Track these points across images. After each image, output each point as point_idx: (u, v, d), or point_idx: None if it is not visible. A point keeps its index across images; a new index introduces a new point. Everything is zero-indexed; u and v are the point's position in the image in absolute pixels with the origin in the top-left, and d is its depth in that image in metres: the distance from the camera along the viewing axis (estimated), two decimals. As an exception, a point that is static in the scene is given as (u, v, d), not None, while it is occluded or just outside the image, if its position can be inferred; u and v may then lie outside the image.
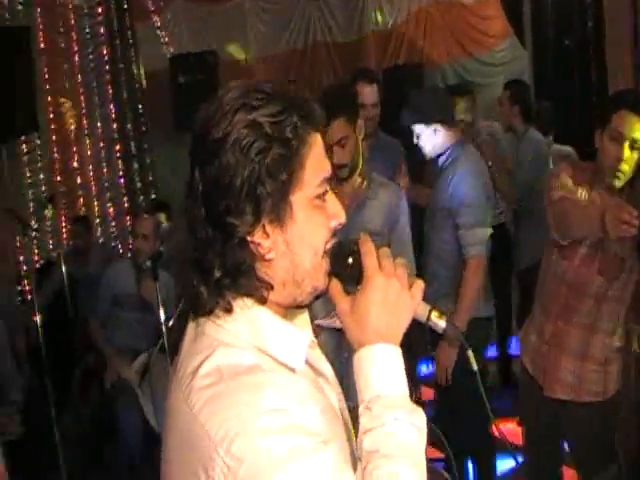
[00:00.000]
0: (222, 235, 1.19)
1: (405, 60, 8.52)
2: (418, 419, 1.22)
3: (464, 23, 8.36)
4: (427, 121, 3.62)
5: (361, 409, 1.23)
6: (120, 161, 8.58)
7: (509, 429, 4.14)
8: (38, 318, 4.87)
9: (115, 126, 8.56)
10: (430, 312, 1.35)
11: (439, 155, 3.70)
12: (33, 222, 7.31)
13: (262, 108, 1.18)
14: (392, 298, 1.24)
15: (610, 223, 2.35)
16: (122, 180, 8.43)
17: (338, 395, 1.40)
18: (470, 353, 1.43)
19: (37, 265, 7.27)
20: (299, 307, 1.31)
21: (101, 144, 8.52)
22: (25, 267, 7.17)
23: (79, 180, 8.19)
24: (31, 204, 7.59)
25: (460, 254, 3.56)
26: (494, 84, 7.25)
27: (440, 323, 1.36)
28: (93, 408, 5.12)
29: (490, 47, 8.21)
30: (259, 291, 1.22)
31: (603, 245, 2.70)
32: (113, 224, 8.24)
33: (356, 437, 1.27)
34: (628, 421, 3.22)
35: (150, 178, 8.60)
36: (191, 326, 1.28)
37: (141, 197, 8.43)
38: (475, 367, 1.43)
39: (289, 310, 1.30)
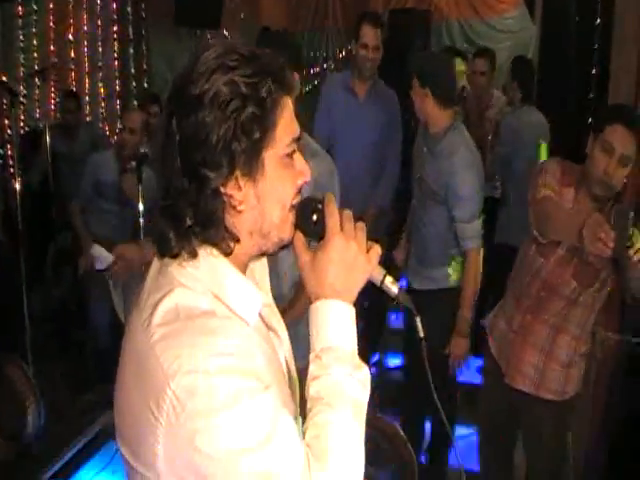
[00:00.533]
0: (196, 185, 1.23)
1: (414, 4, 8.56)
2: (363, 376, 1.32)
3: (478, -17, 8.41)
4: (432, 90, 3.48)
5: (312, 356, 1.33)
6: (116, 43, 8.55)
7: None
8: (17, 184, 4.91)
9: (114, 6, 8.51)
10: (384, 277, 1.41)
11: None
12: (22, 88, 7.30)
13: (238, 69, 1.22)
14: (349, 259, 1.33)
15: (587, 238, 2.35)
16: (116, 63, 8.41)
17: (287, 353, 1.48)
18: (418, 320, 1.47)
19: (21, 132, 7.29)
20: (264, 255, 1.39)
21: (98, 22, 8.47)
22: (9, 132, 7.19)
23: (72, 54, 8.15)
24: (22, 69, 7.57)
25: (451, 231, 3.59)
26: (497, 50, 7.30)
27: (393, 288, 1.41)
28: (64, 290, 5.19)
29: (500, 12, 8.30)
30: (225, 242, 1.28)
31: (580, 252, 2.72)
32: (102, 105, 8.24)
33: (301, 394, 1.39)
34: (582, 423, 3.33)
35: (144, 67, 8.59)
36: (156, 261, 1.34)
37: (133, 83, 8.42)
38: (422, 334, 1.47)
39: (252, 258, 1.38)
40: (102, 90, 8.33)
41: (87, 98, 8.11)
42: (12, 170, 7.11)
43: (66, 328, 5.32)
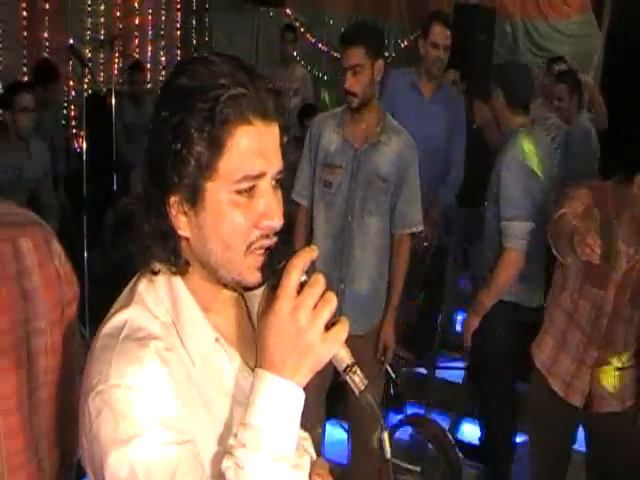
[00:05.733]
0: (147, 198, 1.20)
1: (479, 0, 8.52)
2: (286, 469, 1.11)
3: (546, -16, 8.34)
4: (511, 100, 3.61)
5: (238, 425, 1.14)
6: (179, 13, 8.64)
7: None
8: (84, 146, 5.06)
9: (180, -24, 8.59)
10: (349, 367, 1.16)
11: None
12: (87, 52, 7.42)
13: (204, 92, 1.13)
14: (291, 333, 1.11)
15: (576, 243, 2.50)
16: (178, 33, 8.51)
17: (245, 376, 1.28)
18: (385, 436, 1.23)
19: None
20: (231, 289, 1.27)
21: (163, -9, 8.57)
22: (73, 93, 7.33)
23: (137, 21, 8.27)
24: (88, 33, 7.69)
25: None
26: (560, 53, 7.27)
27: (357, 384, 1.17)
28: (122, 256, 5.29)
29: (566, 16, 8.23)
30: (174, 263, 1.21)
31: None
32: (162, 73, 8.34)
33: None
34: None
35: (206, 39, 8.68)
36: (138, 274, 1.29)
37: (194, 54, 8.49)
38: (388, 454, 1.23)
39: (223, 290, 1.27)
40: (163, 59, 8.44)
41: (148, 65, 8.22)
42: (74, 132, 7.27)
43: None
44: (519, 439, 3.91)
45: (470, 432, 4.46)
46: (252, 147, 1.15)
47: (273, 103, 1.18)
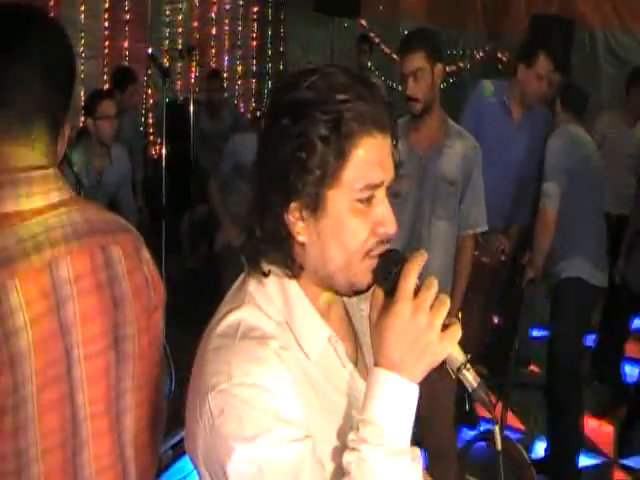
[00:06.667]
0: (262, 202, 1.23)
1: (557, 11, 8.40)
2: (404, 463, 1.15)
3: (629, -6, 8.13)
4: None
5: (357, 421, 1.19)
6: (255, 24, 8.73)
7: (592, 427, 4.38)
8: (164, 153, 5.13)
9: (255, -12, 8.70)
10: (463, 365, 1.20)
11: None
12: (165, 61, 7.56)
13: (324, 104, 1.17)
14: (412, 333, 1.15)
15: None
16: (254, 43, 8.61)
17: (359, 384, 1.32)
18: (497, 429, 1.29)
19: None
20: (339, 294, 1.31)
21: (240, 1, 8.68)
22: (151, 101, 7.48)
23: (214, 31, 8.40)
24: (166, 42, 7.84)
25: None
26: (640, 64, 7.06)
27: (471, 381, 1.20)
28: (199, 263, 5.34)
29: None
30: (289, 267, 1.24)
31: None
32: (239, 83, 8.46)
33: None
34: None
35: (281, 49, 8.76)
36: (243, 274, 1.32)
37: (269, 64, 8.59)
38: (499, 446, 1.29)
39: (331, 294, 1.30)
40: (240, 68, 8.54)
41: (225, 75, 8.31)
42: (152, 139, 7.40)
43: (199, 300, 5.46)
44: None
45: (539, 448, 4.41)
46: (373, 157, 1.20)
47: (388, 114, 1.22)
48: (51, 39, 1.39)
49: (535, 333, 5.58)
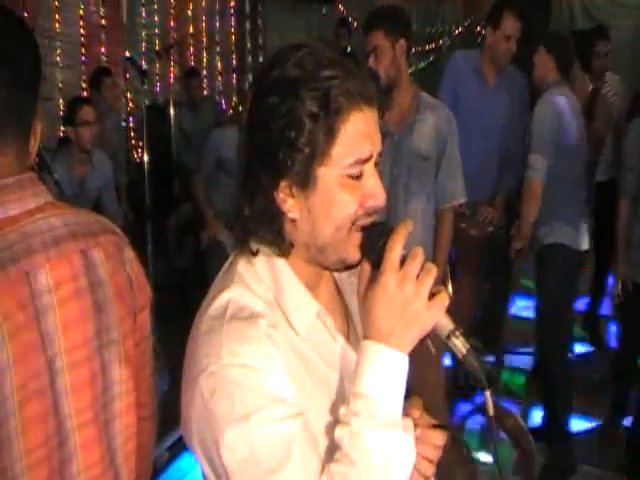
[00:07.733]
0: (251, 180, 1.22)
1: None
2: (397, 435, 1.16)
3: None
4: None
5: (348, 395, 1.19)
6: (233, 18, 8.69)
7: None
8: (145, 157, 5.09)
9: (232, -19, 8.63)
10: (452, 331, 1.19)
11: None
12: (143, 63, 7.51)
13: (310, 81, 1.16)
14: (399, 303, 1.15)
15: None
16: (232, 38, 8.56)
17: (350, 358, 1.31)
18: (488, 394, 1.23)
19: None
20: (328, 270, 1.31)
21: (216, -3, 8.63)
22: (131, 105, 7.45)
23: (191, 29, 8.35)
24: (143, 44, 7.81)
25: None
26: (620, 27, 7.04)
27: (460, 348, 1.19)
28: (186, 261, 5.33)
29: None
30: (280, 244, 1.24)
31: None
32: (219, 79, 8.42)
33: None
34: None
35: (260, 41, 8.71)
36: (232, 254, 1.32)
37: (249, 58, 8.55)
38: (491, 412, 1.25)
39: (319, 271, 1.30)
40: (219, 65, 8.50)
41: (204, 72, 8.30)
42: (134, 142, 7.38)
43: (187, 299, 5.47)
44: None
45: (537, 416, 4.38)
46: (362, 132, 1.20)
47: (375, 87, 1.22)
48: (12, 39, 1.32)
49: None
